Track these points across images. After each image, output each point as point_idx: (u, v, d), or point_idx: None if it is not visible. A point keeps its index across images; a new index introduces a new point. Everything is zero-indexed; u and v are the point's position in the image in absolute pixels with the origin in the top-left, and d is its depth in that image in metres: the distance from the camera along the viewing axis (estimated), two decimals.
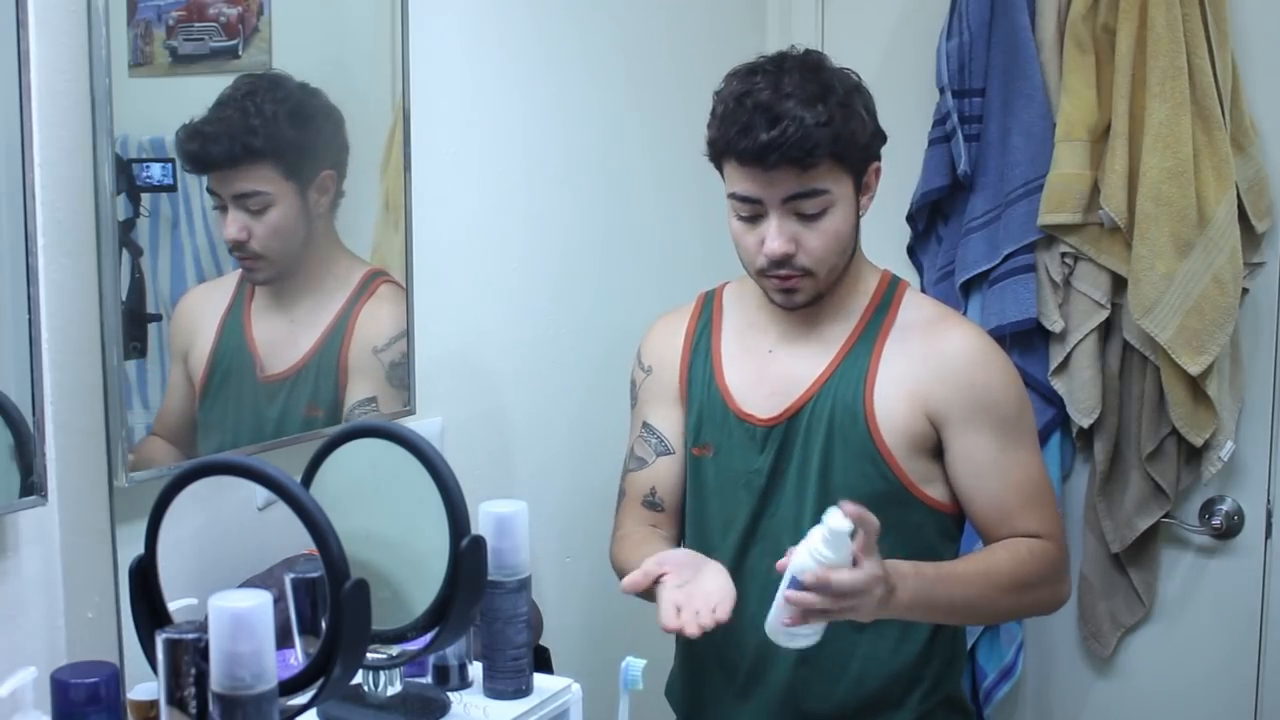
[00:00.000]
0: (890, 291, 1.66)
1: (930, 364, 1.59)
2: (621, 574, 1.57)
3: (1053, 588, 1.62)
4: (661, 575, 1.46)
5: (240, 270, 1.47)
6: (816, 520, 1.40)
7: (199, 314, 1.44)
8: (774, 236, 1.52)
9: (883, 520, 1.49)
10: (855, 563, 1.37)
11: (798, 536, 1.46)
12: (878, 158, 1.61)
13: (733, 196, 1.56)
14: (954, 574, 1.53)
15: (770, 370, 1.64)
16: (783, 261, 1.54)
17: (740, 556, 1.63)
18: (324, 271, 1.58)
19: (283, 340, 1.54)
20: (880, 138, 1.60)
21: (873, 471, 1.58)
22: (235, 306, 1.48)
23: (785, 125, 1.47)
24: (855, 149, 1.54)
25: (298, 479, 1.14)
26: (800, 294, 1.58)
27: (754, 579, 1.59)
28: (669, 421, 1.70)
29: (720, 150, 1.55)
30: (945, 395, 1.58)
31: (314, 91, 1.53)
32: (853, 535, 1.34)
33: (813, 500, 1.58)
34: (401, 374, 1.66)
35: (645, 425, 1.72)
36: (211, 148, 1.43)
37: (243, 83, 1.45)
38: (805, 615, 1.37)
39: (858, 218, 1.60)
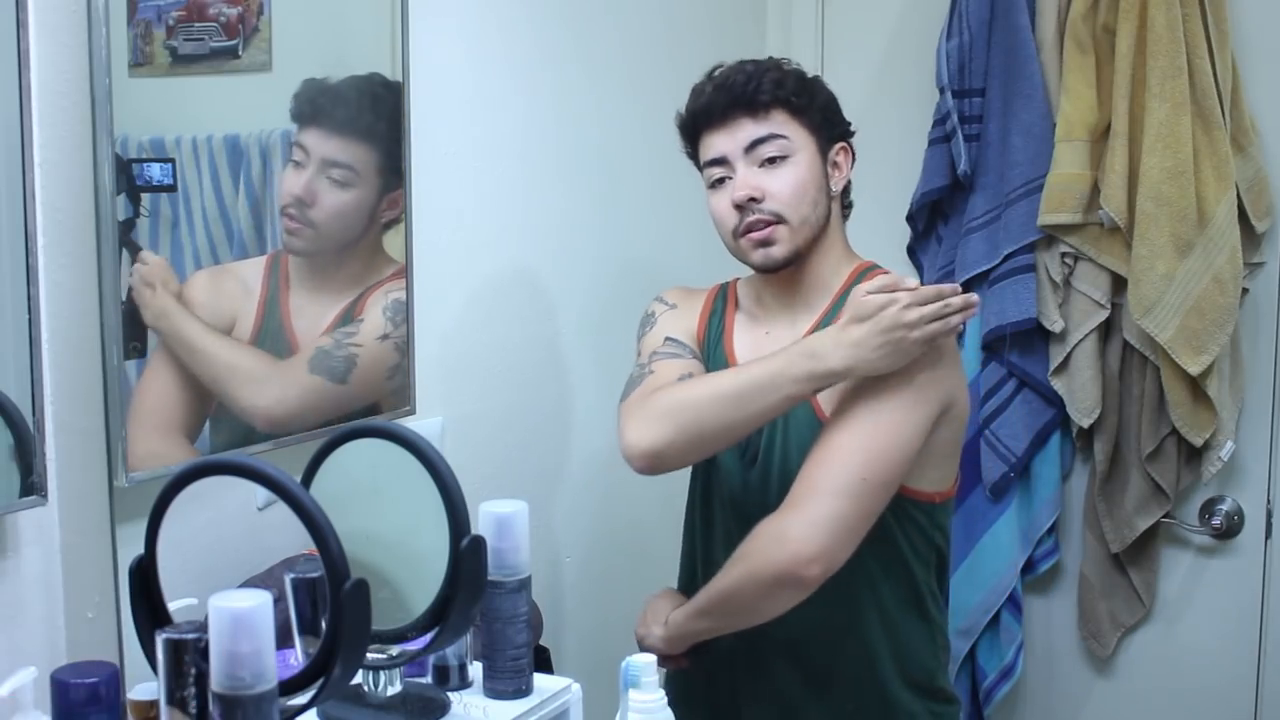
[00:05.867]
0: (861, 276, 1.66)
1: None
2: (689, 409, 1.52)
3: (771, 547, 1.49)
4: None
5: (264, 256, 1.47)
6: (781, 498, 1.50)
7: (224, 298, 1.44)
8: (740, 185, 1.59)
9: None
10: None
11: (766, 513, 1.53)
12: (845, 140, 1.66)
13: (705, 168, 1.64)
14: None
15: (762, 350, 1.65)
16: (751, 210, 1.59)
17: (727, 522, 1.66)
18: (363, 275, 1.60)
19: (315, 327, 1.55)
20: (844, 121, 1.67)
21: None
22: (272, 293, 1.48)
23: (731, 75, 1.62)
24: (811, 107, 1.62)
25: (298, 479, 1.14)
26: (776, 246, 1.60)
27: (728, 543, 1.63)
28: (694, 345, 1.69)
29: (687, 127, 1.66)
30: None
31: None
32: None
33: (776, 479, 1.60)
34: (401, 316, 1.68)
35: (670, 339, 1.69)
36: (339, 107, 1.50)
37: (378, 76, 1.56)
38: None
39: (828, 186, 1.63)
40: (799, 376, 1.49)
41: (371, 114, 1.56)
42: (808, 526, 1.47)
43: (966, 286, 2.28)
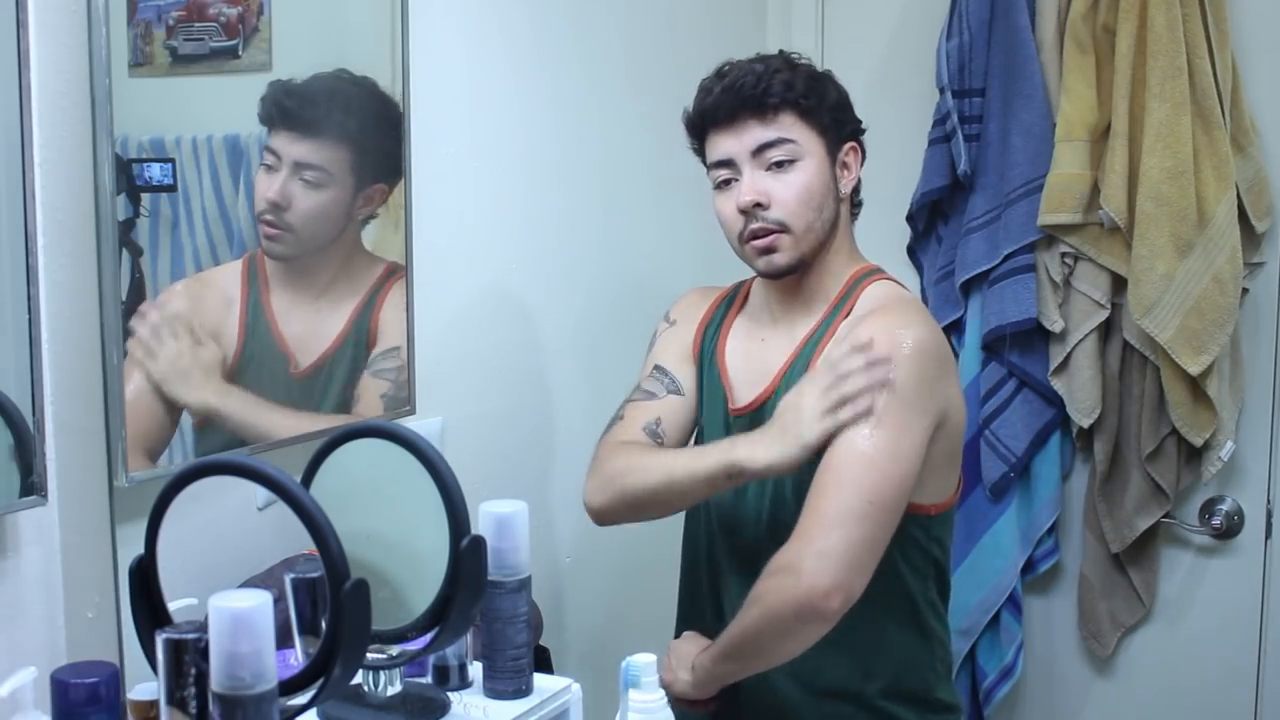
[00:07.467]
0: (857, 284, 1.64)
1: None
2: (628, 476, 1.60)
3: (786, 583, 1.45)
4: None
5: (240, 259, 1.46)
6: (775, 510, 1.50)
7: (206, 310, 1.43)
8: (746, 190, 1.58)
9: None
10: None
11: (757, 525, 1.53)
12: (855, 139, 1.65)
13: (711, 168, 1.63)
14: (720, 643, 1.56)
15: (756, 358, 1.66)
16: (756, 216, 1.58)
17: (721, 538, 1.66)
18: (344, 272, 1.59)
19: (310, 334, 1.55)
20: (855, 119, 1.65)
21: (809, 468, 1.52)
22: (253, 302, 1.47)
23: (740, 76, 1.58)
24: (821, 108, 1.60)
25: (298, 479, 1.14)
26: (779, 254, 1.59)
27: (726, 559, 1.63)
28: (682, 371, 1.71)
29: (694, 124, 1.64)
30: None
31: (402, 113, 1.62)
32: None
33: (770, 492, 1.59)
34: None
35: (658, 367, 1.73)
36: (307, 109, 1.48)
37: (345, 72, 1.53)
38: None
39: (836, 189, 1.62)
40: (713, 465, 1.53)
41: (341, 112, 1.53)
42: (819, 559, 1.43)
43: (966, 286, 2.29)
